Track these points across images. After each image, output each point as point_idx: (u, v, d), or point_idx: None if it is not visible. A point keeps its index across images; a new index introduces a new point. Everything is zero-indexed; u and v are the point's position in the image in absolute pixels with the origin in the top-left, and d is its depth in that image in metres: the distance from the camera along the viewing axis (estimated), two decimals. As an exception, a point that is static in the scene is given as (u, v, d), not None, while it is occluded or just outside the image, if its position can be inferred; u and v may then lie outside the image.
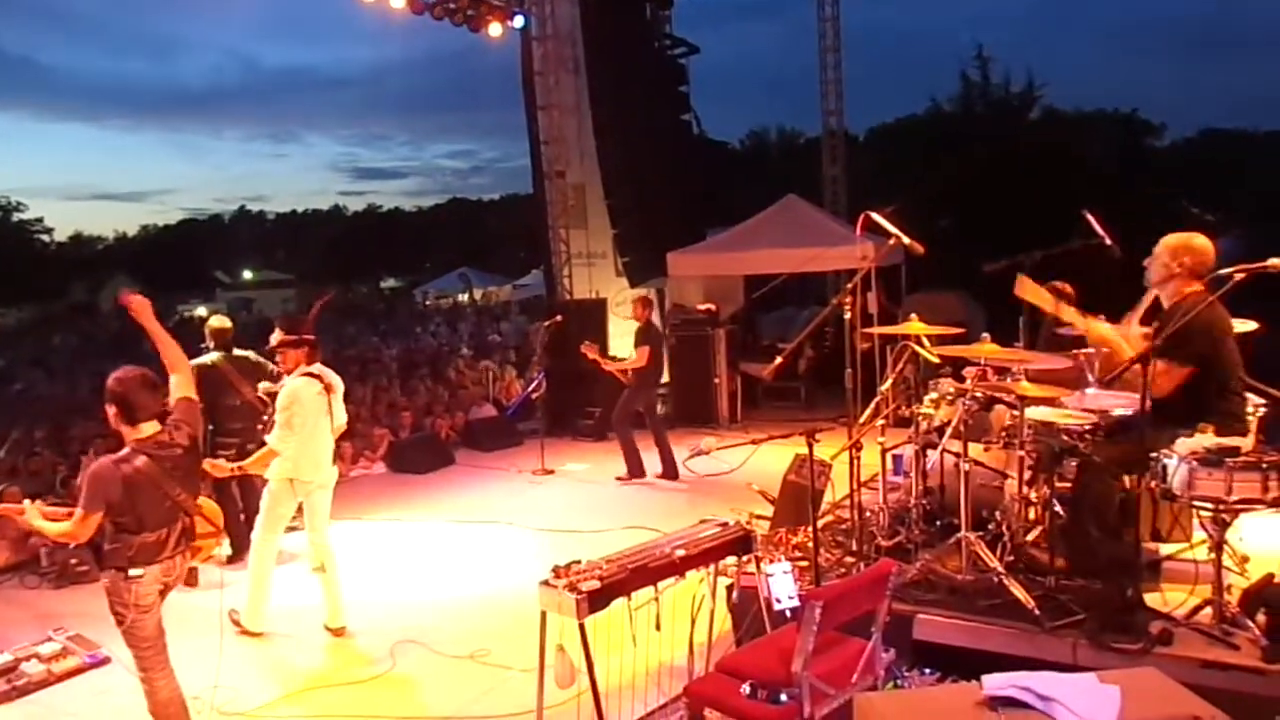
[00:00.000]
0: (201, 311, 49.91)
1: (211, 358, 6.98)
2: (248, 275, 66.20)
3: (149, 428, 3.93)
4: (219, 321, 7.35)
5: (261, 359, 7.07)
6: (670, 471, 9.22)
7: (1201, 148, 30.35)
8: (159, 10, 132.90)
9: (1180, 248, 4.40)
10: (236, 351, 7.12)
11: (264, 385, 6.77)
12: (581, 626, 3.45)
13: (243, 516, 6.69)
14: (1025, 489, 4.90)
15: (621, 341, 12.79)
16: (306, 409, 5.55)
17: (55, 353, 25.94)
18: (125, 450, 3.88)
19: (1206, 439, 4.03)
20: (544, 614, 3.57)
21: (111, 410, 3.92)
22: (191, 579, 4.37)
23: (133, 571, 3.87)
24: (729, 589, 4.54)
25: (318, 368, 5.77)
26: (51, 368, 20.98)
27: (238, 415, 6.88)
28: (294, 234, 75.07)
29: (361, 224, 75.13)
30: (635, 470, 9.26)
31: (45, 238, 62.85)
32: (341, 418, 5.89)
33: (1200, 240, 4.42)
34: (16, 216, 59.49)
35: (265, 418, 6.02)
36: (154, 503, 3.88)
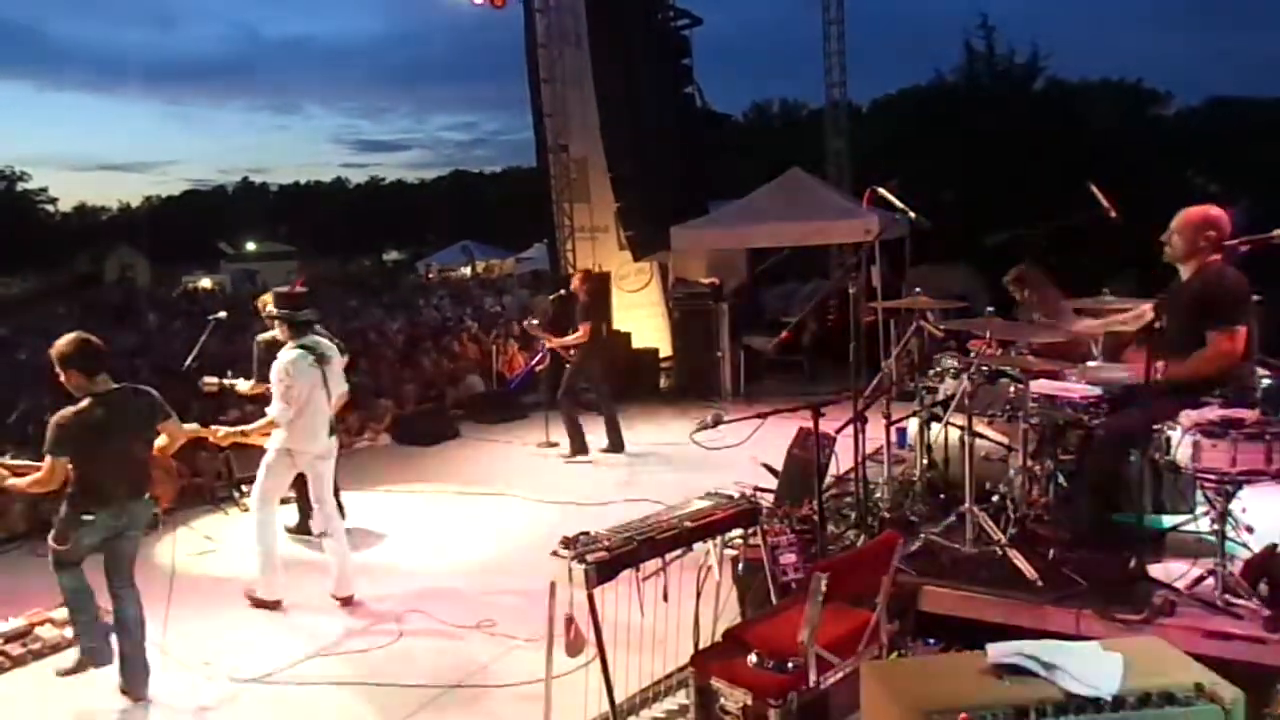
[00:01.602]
0: (206, 283, 49.90)
1: (275, 333, 6.90)
2: (251, 247, 66.05)
3: (104, 380, 4.35)
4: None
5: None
6: (616, 444, 9.29)
7: (1208, 116, 30.09)
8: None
9: (1205, 222, 4.48)
10: None
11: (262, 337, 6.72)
12: (590, 597, 3.47)
13: None
14: (1029, 461, 4.92)
15: (624, 314, 12.82)
16: (300, 382, 5.58)
17: (61, 323, 25.91)
18: (85, 402, 4.26)
19: (1210, 411, 4.04)
20: (553, 584, 3.59)
21: (71, 372, 4.34)
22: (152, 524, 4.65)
23: (85, 516, 4.30)
24: (735, 561, 4.58)
25: (311, 339, 5.80)
26: (57, 337, 20.95)
27: None
28: (296, 206, 75.06)
29: (364, 196, 75.09)
30: (579, 447, 9.24)
31: (50, 208, 63.11)
32: (340, 388, 5.93)
33: (1218, 211, 4.53)
34: (21, 186, 59.66)
35: None
36: (110, 452, 4.29)
